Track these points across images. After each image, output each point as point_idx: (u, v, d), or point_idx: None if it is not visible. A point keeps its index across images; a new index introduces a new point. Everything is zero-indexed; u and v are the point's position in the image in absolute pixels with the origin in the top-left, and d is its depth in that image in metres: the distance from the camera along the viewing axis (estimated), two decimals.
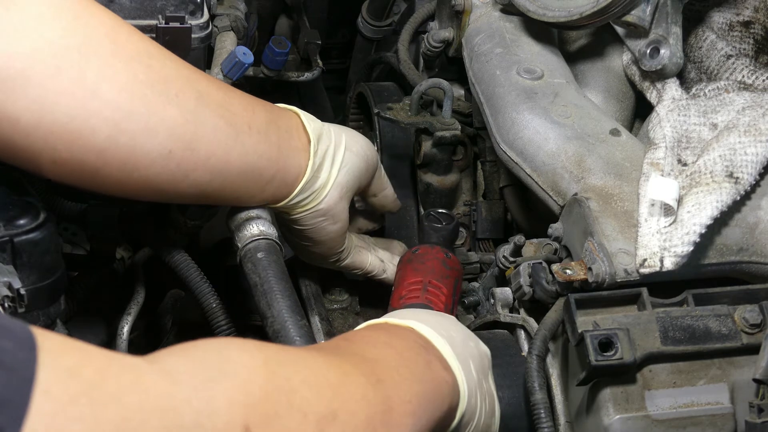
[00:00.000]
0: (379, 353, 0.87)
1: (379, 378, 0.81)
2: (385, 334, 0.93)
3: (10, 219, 1.02)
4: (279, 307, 1.05)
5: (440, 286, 1.18)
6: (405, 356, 0.88)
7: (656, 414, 0.99)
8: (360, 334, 0.94)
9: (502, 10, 1.37)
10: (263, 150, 1.10)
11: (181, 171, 1.05)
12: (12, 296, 0.96)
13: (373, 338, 0.92)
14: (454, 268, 1.22)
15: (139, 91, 1.00)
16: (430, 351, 0.93)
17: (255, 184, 1.12)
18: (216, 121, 1.06)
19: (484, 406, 0.98)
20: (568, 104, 1.22)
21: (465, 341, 1.01)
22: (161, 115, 1.01)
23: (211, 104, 1.06)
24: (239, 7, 1.45)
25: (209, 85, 1.08)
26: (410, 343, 0.93)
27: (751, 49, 1.30)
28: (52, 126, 0.97)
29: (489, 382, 1.03)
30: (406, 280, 1.20)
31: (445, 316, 1.07)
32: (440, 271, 1.20)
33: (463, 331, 1.04)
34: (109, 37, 1.00)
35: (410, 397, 0.83)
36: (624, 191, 1.11)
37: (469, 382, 0.95)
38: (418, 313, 1.05)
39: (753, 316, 1.01)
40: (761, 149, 1.09)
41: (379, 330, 0.95)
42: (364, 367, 0.82)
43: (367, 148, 1.24)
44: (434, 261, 1.21)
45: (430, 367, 0.90)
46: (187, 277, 1.19)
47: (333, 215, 1.20)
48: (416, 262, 1.22)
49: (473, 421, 0.96)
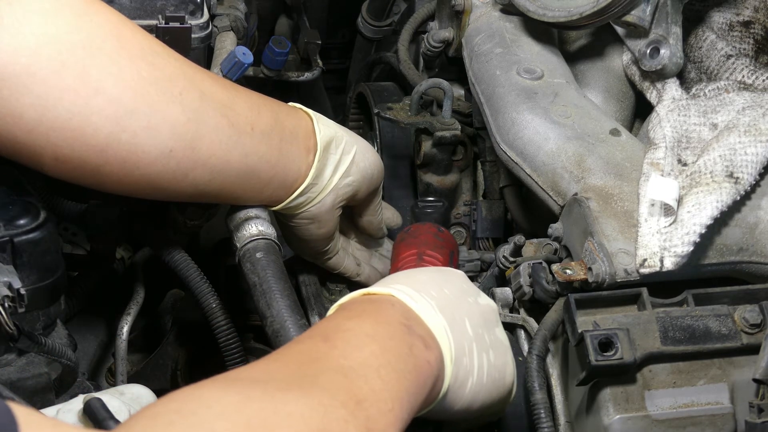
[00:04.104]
0: (360, 356, 0.84)
1: (359, 399, 0.79)
2: (369, 322, 0.89)
3: (10, 219, 1.02)
4: (278, 307, 1.05)
5: (435, 255, 1.20)
6: (387, 348, 0.86)
7: (656, 414, 0.99)
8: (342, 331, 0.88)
9: (502, 10, 1.37)
10: (263, 152, 1.10)
11: (182, 170, 1.05)
12: (12, 296, 0.96)
13: (355, 333, 0.87)
14: (447, 240, 1.25)
15: (142, 89, 1.00)
16: (413, 329, 0.90)
17: (253, 185, 1.12)
18: (218, 120, 1.06)
19: (485, 360, 0.95)
20: (568, 104, 1.22)
21: (460, 297, 0.98)
22: (164, 113, 1.01)
23: (214, 103, 1.06)
24: (239, 7, 1.45)
25: (213, 84, 1.08)
26: (393, 327, 0.89)
27: (751, 49, 1.30)
28: (54, 123, 0.97)
29: (495, 334, 0.99)
30: (401, 254, 1.22)
31: (440, 270, 1.04)
32: (434, 243, 1.22)
33: (460, 285, 1.01)
34: (113, 34, 1.00)
35: (392, 404, 0.81)
36: (624, 191, 1.11)
37: (459, 344, 0.92)
38: (407, 274, 1.01)
39: (753, 316, 1.01)
40: (761, 149, 1.09)
41: (362, 317, 0.90)
42: (343, 394, 0.79)
43: (375, 167, 1.24)
44: (427, 234, 1.24)
45: (412, 351, 0.87)
46: (187, 277, 1.19)
47: (321, 221, 1.20)
48: (409, 237, 1.24)
49: (469, 380, 0.94)
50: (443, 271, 1.04)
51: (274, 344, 1.05)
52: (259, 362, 0.83)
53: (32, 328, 1.07)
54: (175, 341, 1.42)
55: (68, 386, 1.11)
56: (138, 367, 1.43)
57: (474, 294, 1.01)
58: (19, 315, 0.99)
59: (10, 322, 0.96)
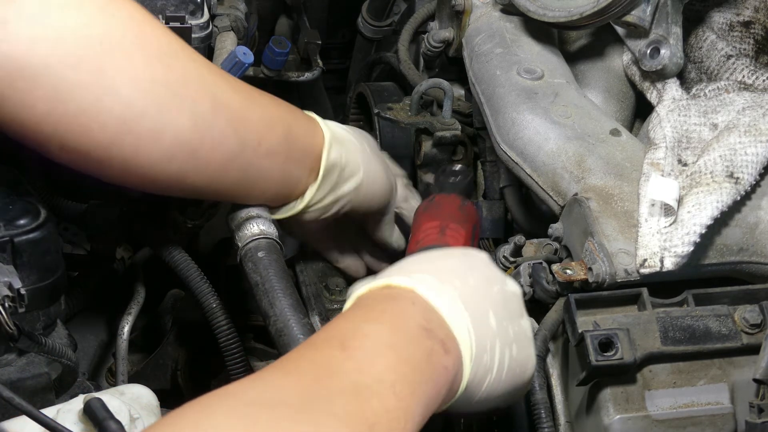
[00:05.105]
0: (377, 370, 0.81)
1: (372, 423, 0.76)
2: (388, 328, 0.85)
3: (10, 219, 1.02)
4: (281, 306, 1.05)
5: (458, 229, 1.15)
6: (404, 358, 0.83)
7: (656, 414, 0.99)
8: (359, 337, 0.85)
9: (502, 10, 1.37)
10: (265, 168, 1.10)
11: (181, 174, 1.05)
12: (12, 296, 0.96)
13: (372, 341, 0.84)
14: (471, 214, 1.19)
15: (154, 92, 0.99)
16: (433, 333, 0.86)
17: (250, 194, 1.14)
18: (225, 131, 1.05)
19: (506, 355, 0.91)
20: (569, 104, 1.22)
21: (485, 287, 0.93)
22: (171, 120, 1.01)
23: (226, 112, 1.05)
24: (239, 7, 1.45)
25: (229, 90, 1.06)
26: (412, 333, 0.85)
27: (752, 49, 1.30)
28: (63, 116, 0.96)
29: (520, 325, 0.95)
30: (422, 225, 1.16)
31: (466, 254, 0.98)
32: (457, 216, 1.17)
33: (486, 272, 0.95)
34: (133, 31, 0.99)
35: (404, 422, 0.79)
36: (624, 191, 1.11)
37: (480, 341, 0.88)
38: (431, 259, 0.96)
39: (753, 316, 1.01)
40: (761, 149, 1.09)
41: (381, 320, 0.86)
42: (356, 419, 0.76)
43: (378, 193, 1.23)
44: (451, 206, 1.18)
45: (430, 359, 0.84)
46: (187, 277, 1.19)
47: (305, 234, 1.22)
48: (432, 208, 1.19)
49: (487, 377, 0.90)
50: (468, 255, 0.98)
51: (277, 343, 1.04)
52: (272, 374, 0.80)
53: (32, 328, 1.07)
54: (175, 341, 1.42)
55: (68, 386, 1.11)
56: (138, 367, 1.43)
57: (500, 281, 0.96)
58: (19, 315, 0.99)
59: (10, 322, 0.96)
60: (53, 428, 0.88)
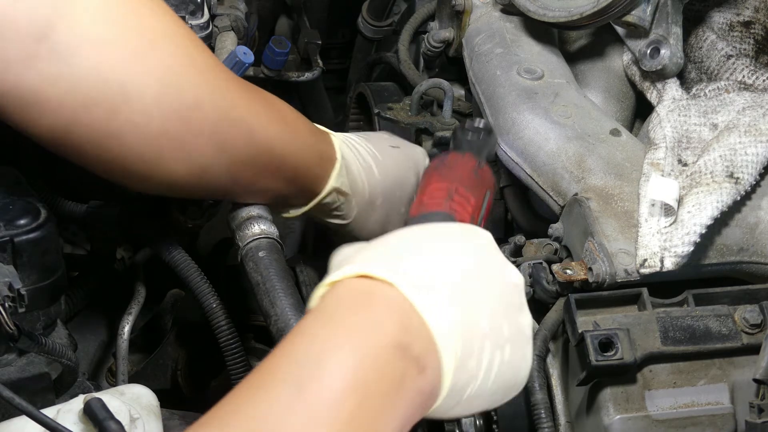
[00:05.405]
0: (332, 422, 0.72)
1: None
2: (353, 360, 0.75)
3: (10, 219, 1.02)
4: (282, 306, 1.05)
5: (468, 196, 1.03)
6: (370, 394, 0.74)
7: (656, 414, 0.99)
8: (318, 377, 0.74)
9: (502, 10, 1.37)
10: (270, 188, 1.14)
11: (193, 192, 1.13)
12: (12, 296, 0.96)
13: (336, 381, 0.73)
14: (485, 178, 1.07)
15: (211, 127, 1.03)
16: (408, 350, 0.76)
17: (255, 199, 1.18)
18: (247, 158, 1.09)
19: (497, 358, 0.82)
20: (569, 104, 1.22)
21: (481, 277, 0.84)
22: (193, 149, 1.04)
23: (258, 151, 1.09)
24: (239, 7, 1.45)
25: (270, 125, 1.11)
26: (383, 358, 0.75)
27: (752, 49, 1.30)
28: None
29: (517, 321, 0.86)
30: (430, 185, 1.04)
31: (465, 235, 0.89)
32: (469, 180, 1.04)
33: (484, 257, 0.86)
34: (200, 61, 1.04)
35: None
36: (624, 191, 1.11)
37: (467, 345, 0.80)
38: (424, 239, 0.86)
39: (753, 316, 1.01)
40: (761, 149, 1.09)
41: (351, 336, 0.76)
42: None
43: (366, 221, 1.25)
44: (464, 168, 1.06)
45: (402, 385, 0.75)
46: (187, 277, 1.19)
47: None
48: (443, 168, 1.06)
49: (470, 385, 0.81)
50: (467, 236, 0.89)
51: (278, 342, 1.04)
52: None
53: (32, 328, 1.07)
54: (175, 341, 1.42)
55: (68, 386, 1.11)
56: (138, 367, 1.43)
57: (499, 268, 0.87)
58: (20, 315, 0.99)
59: (10, 322, 0.96)
60: (53, 428, 0.88)
